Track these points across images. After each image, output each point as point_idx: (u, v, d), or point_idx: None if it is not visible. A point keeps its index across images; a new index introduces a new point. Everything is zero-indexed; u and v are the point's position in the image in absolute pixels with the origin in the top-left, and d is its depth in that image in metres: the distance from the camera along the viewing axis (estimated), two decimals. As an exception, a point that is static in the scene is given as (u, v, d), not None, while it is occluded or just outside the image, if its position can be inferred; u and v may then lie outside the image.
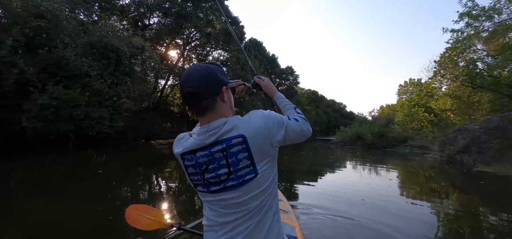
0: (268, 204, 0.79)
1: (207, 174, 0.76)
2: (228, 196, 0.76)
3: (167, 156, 10.73)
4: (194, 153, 0.77)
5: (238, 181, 0.74)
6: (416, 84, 35.19)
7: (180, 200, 4.48)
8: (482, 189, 5.92)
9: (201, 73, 0.76)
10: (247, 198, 0.75)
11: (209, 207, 0.81)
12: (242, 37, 25.51)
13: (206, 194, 0.79)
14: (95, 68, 10.14)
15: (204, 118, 0.78)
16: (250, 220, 0.76)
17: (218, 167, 0.75)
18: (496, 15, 10.93)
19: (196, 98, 0.75)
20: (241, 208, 0.76)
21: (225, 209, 0.77)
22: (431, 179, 7.44)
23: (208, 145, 0.75)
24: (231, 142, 0.73)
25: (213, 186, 0.77)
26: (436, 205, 4.48)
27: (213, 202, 0.79)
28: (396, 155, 13.47)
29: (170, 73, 23.85)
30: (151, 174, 6.75)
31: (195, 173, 0.78)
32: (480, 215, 3.98)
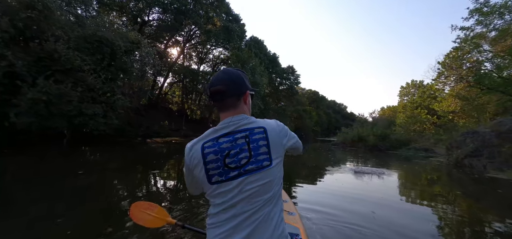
0: (275, 200, 0.84)
1: (228, 159, 0.81)
2: (246, 180, 0.80)
3: (163, 156, 10.28)
4: (217, 139, 0.82)
5: (256, 165, 0.81)
6: (418, 86, 34.70)
7: (176, 200, 4.03)
8: (500, 198, 5.44)
9: (230, 75, 0.88)
10: (261, 185, 0.81)
11: (218, 202, 0.82)
12: (243, 35, 25.00)
13: (222, 183, 0.81)
14: (88, 63, 9.68)
15: (227, 113, 0.87)
16: (258, 212, 0.80)
17: (240, 151, 0.81)
18: (507, 13, 10.42)
19: (222, 95, 0.85)
20: (253, 198, 0.80)
21: (236, 197, 0.80)
22: (442, 185, 6.96)
23: (229, 132, 0.83)
24: (254, 130, 0.84)
25: (232, 172, 0.80)
26: (451, 214, 4.01)
27: (225, 193, 0.81)
28: (400, 158, 13.00)
29: (169, 70, 23.40)
30: (146, 173, 6.29)
31: (215, 160, 0.81)
32: (500, 230, 3.50)
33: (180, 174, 6.54)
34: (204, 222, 2.36)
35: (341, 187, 5.59)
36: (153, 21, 21.61)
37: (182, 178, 0.95)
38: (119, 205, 3.84)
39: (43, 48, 9.01)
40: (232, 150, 0.81)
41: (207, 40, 25.21)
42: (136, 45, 11.73)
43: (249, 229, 0.79)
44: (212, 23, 22.37)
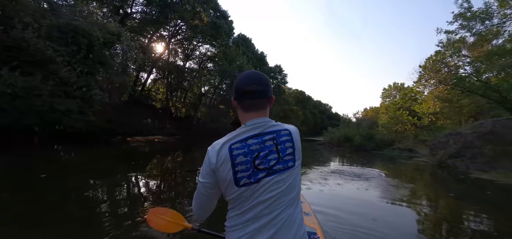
0: (296, 201, 0.86)
1: (258, 160, 0.81)
2: (273, 180, 0.81)
3: (143, 155, 9.62)
4: (246, 140, 0.82)
5: (283, 165, 0.83)
6: (400, 88, 35.86)
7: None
8: (482, 198, 5.45)
9: (262, 77, 0.89)
10: (287, 185, 0.82)
11: (241, 204, 0.81)
12: (231, 32, 24.43)
13: (251, 185, 0.80)
14: (62, 54, 8.81)
15: (254, 114, 0.87)
16: (282, 213, 0.80)
17: (269, 153, 0.82)
18: (488, 19, 10.79)
19: (254, 94, 0.85)
20: (278, 199, 0.80)
21: (262, 197, 0.80)
22: (431, 186, 6.97)
23: (257, 134, 0.83)
24: (280, 132, 0.86)
25: (261, 173, 0.80)
26: (436, 213, 3.89)
27: (251, 195, 0.80)
28: (386, 158, 13.15)
29: (153, 66, 22.39)
30: (122, 174, 5.72)
31: (245, 162, 0.80)
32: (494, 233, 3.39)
33: (162, 175, 6.03)
34: (218, 225, 2.30)
35: (337, 189, 5.36)
36: (136, 14, 20.55)
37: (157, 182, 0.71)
38: (79, 214, 3.32)
39: (9, 36, 8.07)
40: (261, 151, 0.82)
41: (194, 36, 24.39)
42: (117, 37, 10.91)
43: (273, 230, 0.79)
44: (199, 18, 21.65)
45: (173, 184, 5.50)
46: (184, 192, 4.70)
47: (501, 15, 10.75)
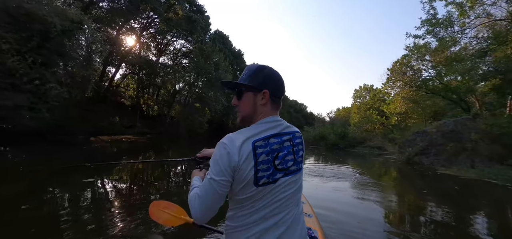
0: (300, 201, 0.89)
1: (277, 160, 0.80)
2: (289, 181, 0.82)
3: (107, 156, 8.75)
4: (268, 139, 0.81)
5: (297, 166, 0.86)
6: (370, 90, 37.86)
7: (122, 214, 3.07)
8: (443, 191, 5.76)
9: None
10: (297, 187, 0.86)
11: (253, 203, 0.78)
12: (207, 28, 23.65)
13: (268, 184, 0.78)
14: (9, 41, 7.65)
15: (273, 112, 0.87)
16: (290, 213, 0.82)
17: (287, 153, 0.83)
18: (449, 27, 11.64)
19: (282, 95, 0.91)
20: (289, 200, 0.82)
21: (279, 195, 0.80)
22: (403, 183, 7.23)
23: (277, 133, 0.84)
24: (295, 134, 0.88)
25: (279, 173, 0.80)
26: (404, 204, 3.94)
27: (266, 195, 0.78)
28: (358, 155, 13.62)
29: (122, 60, 20.84)
30: (75, 179, 5.02)
31: (266, 161, 0.78)
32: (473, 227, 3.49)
33: (127, 176, 5.44)
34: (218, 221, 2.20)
35: (317, 190, 5.25)
36: (103, 2, 18.91)
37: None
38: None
39: None
40: (280, 151, 0.82)
41: (168, 30, 23.21)
42: (78, 25, 9.80)
43: (282, 229, 0.79)
44: (174, 11, 20.61)
45: (139, 186, 4.96)
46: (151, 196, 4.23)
47: (460, 23, 11.65)
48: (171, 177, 6.18)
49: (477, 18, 11.47)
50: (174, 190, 4.94)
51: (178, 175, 6.41)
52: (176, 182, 5.78)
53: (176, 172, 6.60)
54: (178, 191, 4.90)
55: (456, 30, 11.52)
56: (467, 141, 9.31)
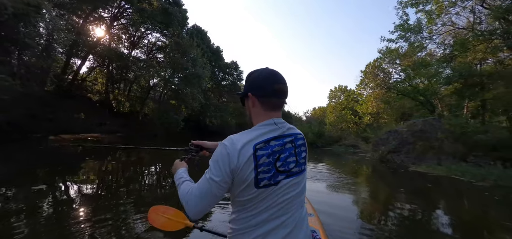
0: (304, 202, 0.88)
1: (279, 162, 0.80)
2: (291, 182, 0.82)
3: (67, 157, 7.86)
4: (269, 142, 0.80)
5: (300, 168, 0.86)
6: (344, 90, 39.42)
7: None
8: (412, 187, 6.03)
9: (284, 79, 0.88)
10: (301, 188, 0.86)
11: (256, 205, 0.78)
12: (185, 22, 22.66)
13: (270, 186, 0.78)
14: None
15: (273, 114, 0.86)
16: (294, 214, 0.81)
17: (289, 155, 0.82)
18: (418, 32, 12.39)
19: (283, 95, 0.86)
20: (292, 201, 0.81)
21: (281, 197, 0.79)
22: (376, 180, 7.45)
23: (279, 135, 0.83)
24: (297, 136, 0.88)
25: (281, 175, 0.80)
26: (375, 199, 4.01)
27: (268, 197, 0.78)
28: (335, 154, 13.98)
29: (89, 51, 19.18)
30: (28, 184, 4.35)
31: (268, 163, 0.78)
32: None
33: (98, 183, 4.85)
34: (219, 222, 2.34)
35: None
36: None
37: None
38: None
39: None
40: (282, 153, 0.81)
41: (142, 21, 21.87)
42: (35, 9, 8.69)
43: (287, 230, 0.79)
44: (148, 2, 19.43)
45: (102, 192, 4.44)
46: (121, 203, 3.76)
47: (429, 30, 12.44)
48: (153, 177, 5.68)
49: (443, 26, 12.32)
50: (163, 190, 4.50)
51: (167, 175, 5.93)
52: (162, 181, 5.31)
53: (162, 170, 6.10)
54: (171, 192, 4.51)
55: (425, 36, 12.25)
56: (434, 139, 9.93)
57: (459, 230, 3.48)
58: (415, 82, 15.38)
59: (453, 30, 12.54)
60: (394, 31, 12.44)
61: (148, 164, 7.45)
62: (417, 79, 15.31)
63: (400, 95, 16.06)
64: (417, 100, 14.93)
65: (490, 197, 5.33)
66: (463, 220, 3.99)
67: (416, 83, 15.31)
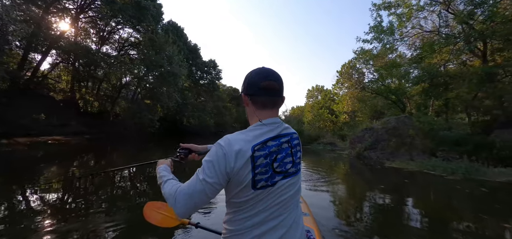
0: (299, 203, 0.87)
1: (276, 163, 0.79)
2: (287, 183, 0.81)
3: (29, 162, 6.93)
4: (266, 143, 0.79)
5: (296, 168, 0.85)
6: (321, 90, 40.52)
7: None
8: (388, 182, 6.20)
9: (278, 75, 0.86)
10: (296, 189, 0.85)
11: (252, 207, 0.77)
12: (160, 17, 21.55)
13: (267, 187, 0.77)
14: None
15: (269, 112, 0.84)
16: (290, 215, 0.81)
17: (285, 156, 0.82)
18: (391, 35, 12.96)
19: (278, 92, 0.85)
20: (288, 202, 0.81)
21: (278, 198, 0.78)
22: (354, 176, 7.55)
23: (275, 136, 0.82)
24: (293, 135, 0.87)
25: (278, 176, 0.79)
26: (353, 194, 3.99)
27: (266, 198, 0.77)
28: (314, 152, 14.14)
29: (51, 46, 17.42)
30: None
31: (265, 164, 0.77)
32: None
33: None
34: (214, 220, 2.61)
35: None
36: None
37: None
38: None
39: None
40: (278, 154, 0.81)
41: (112, 15, 20.40)
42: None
43: (282, 231, 0.78)
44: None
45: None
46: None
47: (400, 33, 13.06)
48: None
49: (413, 29, 13.01)
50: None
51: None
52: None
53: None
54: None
55: (397, 38, 12.83)
56: (406, 136, 10.40)
57: (436, 220, 3.62)
58: (387, 82, 16.14)
59: (421, 33, 13.31)
60: (369, 32, 12.88)
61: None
62: (389, 79, 16.08)
63: (374, 94, 16.75)
64: (390, 99, 15.69)
65: (461, 190, 5.60)
66: (438, 212, 4.08)
67: (388, 83, 16.07)
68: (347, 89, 27.71)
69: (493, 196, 5.22)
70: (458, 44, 11.58)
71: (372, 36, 12.79)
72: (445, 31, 12.19)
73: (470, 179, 6.38)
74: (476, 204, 4.65)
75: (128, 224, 2.87)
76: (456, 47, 12.01)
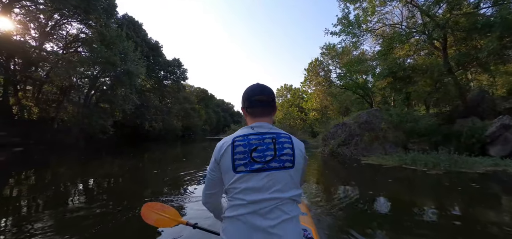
0: (293, 200, 0.90)
1: (255, 153, 0.87)
2: (269, 176, 0.86)
3: None
4: (247, 136, 0.90)
5: (279, 164, 0.87)
6: (289, 89, 40.38)
7: None
8: (363, 178, 5.32)
9: (268, 89, 1.00)
10: (283, 184, 0.87)
11: (239, 193, 0.86)
12: (113, 11, 18.71)
13: (247, 174, 0.86)
14: None
15: (261, 119, 0.97)
16: (282, 207, 0.86)
17: (266, 149, 0.88)
18: (357, 28, 12.51)
19: (266, 103, 0.98)
20: (275, 193, 0.85)
21: (258, 184, 0.85)
22: (328, 174, 6.56)
23: (258, 133, 0.91)
24: (280, 135, 0.92)
25: (256, 164, 0.86)
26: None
27: (247, 183, 0.85)
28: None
29: (-32, 41, 13.81)
30: None
31: (243, 152, 0.87)
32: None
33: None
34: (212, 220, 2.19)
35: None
36: None
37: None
38: None
39: None
40: (259, 146, 0.88)
41: (55, 7, 17.15)
42: None
43: (279, 220, 0.83)
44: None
45: None
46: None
47: (365, 28, 12.68)
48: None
49: (377, 23, 12.75)
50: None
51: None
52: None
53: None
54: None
55: (363, 32, 12.43)
56: (379, 130, 9.87)
57: (445, 227, 2.52)
58: (354, 77, 15.92)
59: (384, 28, 13.15)
60: (337, 24, 12.27)
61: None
62: (355, 76, 15.86)
63: (343, 89, 16.45)
64: (358, 94, 15.47)
65: (453, 186, 4.85)
66: (444, 216, 3.13)
67: (356, 78, 15.86)
68: (315, 87, 27.64)
69: (486, 190, 4.53)
70: (419, 38, 11.52)
71: (340, 28, 12.18)
72: (407, 24, 12.08)
73: (453, 172, 5.77)
74: (482, 203, 3.85)
75: (127, 225, 2.83)
76: (416, 41, 11.99)
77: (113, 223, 2.95)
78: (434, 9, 9.95)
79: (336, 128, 11.01)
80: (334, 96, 18.39)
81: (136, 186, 5.20)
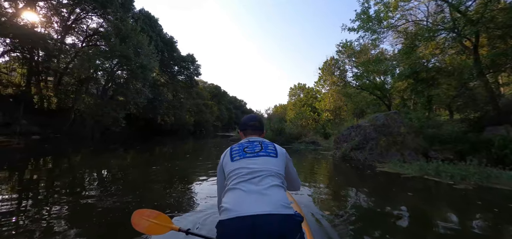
0: (277, 180, 1.17)
1: (247, 149, 1.27)
2: (257, 159, 1.21)
3: None
4: (241, 143, 1.34)
5: (266, 153, 1.25)
6: (303, 88, 39.36)
7: None
8: (381, 189, 4.65)
9: (259, 118, 1.51)
10: (268, 163, 1.21)
11: (234, 173, 1.19)
12: (130, 5, 18.90)
13: (240, 159, 1.22)
14: None
15: (252, 136, 1.42)
16: (269, 177, 1.15)
17: (254, 146, 1.28)
18: (377, 22, 11.57)
19: (257, 128, 1.46)
20: (262, 171, 1.16)
21: (249, 165, 1.18)
22: (342, 181, 5.95)
23: (250, 140, 1.34)
24: (265, 142, 1.33)
25: (248, 154, 1.24)
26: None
27: (240, 164, 1.20)
28: (295, 151, 12.58)
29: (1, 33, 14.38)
30: None
31: (238, 149, 1.28)
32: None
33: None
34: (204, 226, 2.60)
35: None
36: None
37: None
38: None
39: None
40: (248, 147, 1.28)
41: (76, 1, 17.63)
42: None
43: (267, 185, 1.11)
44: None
45: None
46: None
47: (387, 24, 11.71)
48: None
49: (400, 20, 11.77)
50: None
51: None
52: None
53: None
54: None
55: (382, 28, 11.50)
56: (397, 134, 9.04)
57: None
58: (372, 77, 14.93)
59: (407, 25, 12.12)
60: (356, 19, 11.40)
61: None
62: (372, 76, 14.87)
63: (359, 89, 15.51)
64: (375, 95, 14.50)
65: (485, 205, 4.13)
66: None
67: (373, 78, 14.88)
68: (329, 87, 26.57)
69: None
70: (447, 36, 10.44)
71: (359, 24, 11.33)
72: (433, 21, 10.99)
73: (485, 188, 4.98)
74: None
75: (115, 233, 2.71)
76: (443, 39, 10.89)
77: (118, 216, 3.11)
78: (466, 3, 8.88)
79: (349, 130, 10.26)
80: (348, 96, 17.41)
81: (137, 186, 4.92)
